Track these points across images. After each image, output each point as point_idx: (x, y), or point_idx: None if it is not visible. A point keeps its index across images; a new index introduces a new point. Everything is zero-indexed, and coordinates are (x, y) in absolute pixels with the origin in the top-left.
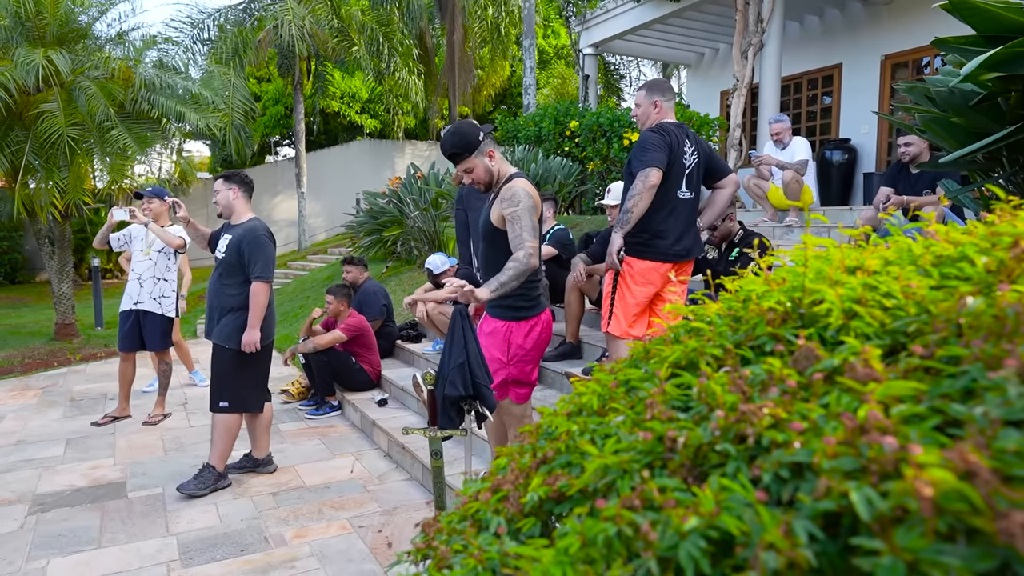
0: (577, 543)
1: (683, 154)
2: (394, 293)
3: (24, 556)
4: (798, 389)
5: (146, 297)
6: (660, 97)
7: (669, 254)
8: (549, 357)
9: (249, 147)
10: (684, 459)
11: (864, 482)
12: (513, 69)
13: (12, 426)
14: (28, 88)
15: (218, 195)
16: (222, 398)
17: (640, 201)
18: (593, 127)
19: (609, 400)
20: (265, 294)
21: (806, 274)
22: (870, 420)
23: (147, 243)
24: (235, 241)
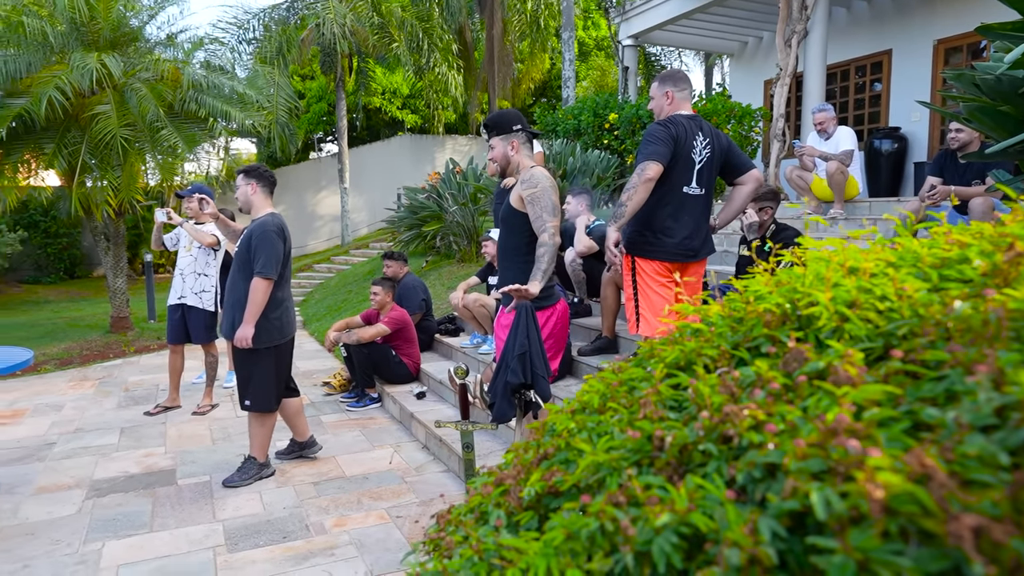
0: (561, 536)
1: (692, 148)
2: (433, 287)
3: (82, 538)
4: (783, 391)
5: (188, 292)
6: (672, 88)
7: (675, 253)
8: (585, 351)
9: (293, 144)
10: (670, 458)
11: (828, 484)
12: (553, 62)
13: (71, 415)
14: (83, 91)
15: (238, 190)
16: (245, 396)
17: (635, 195)
18: (632, 119)
19: (610, 399)
20: (263, 291)
21: (805, 276)
22: (838, 423)
23: (188, 240)
24: (247, 235)
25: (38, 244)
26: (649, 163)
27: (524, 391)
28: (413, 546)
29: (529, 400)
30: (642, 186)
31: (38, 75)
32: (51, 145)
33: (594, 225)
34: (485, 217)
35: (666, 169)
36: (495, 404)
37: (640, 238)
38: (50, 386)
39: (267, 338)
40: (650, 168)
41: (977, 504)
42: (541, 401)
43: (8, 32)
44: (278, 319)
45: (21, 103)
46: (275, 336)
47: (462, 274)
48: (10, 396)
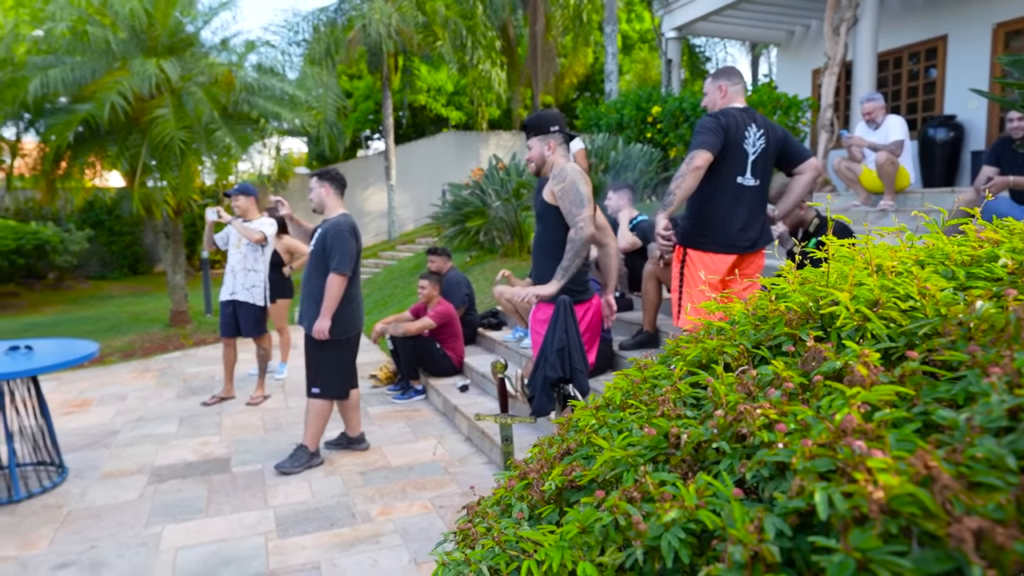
0: (575, 530)
1: (744, 139)
2: (477, 282)
3: (143, 522)
4: (800, 390)
5: (239, 287)
6: (726, 82)
7: (731, 245)
8: (626, 345)
9: (341, 142)
10: (686, 455)
11: (835, 484)
12: (596, 56)
13: (134, 404)
14: (143, 95)
15: (312, 192)
16: (314, 384)
17: (684, 183)
18: (676, 112)
19: (632, 395)
20: (339, 286)
21: (829, 274)
22: (847, 423)
23: (237, 237)
24: (322, 234)
25: (103, 242)
26: (697, 151)
27: (563, 385)
28: (444, 536)
29: (568, 394)
30: (690, 174)
31: (101, 81)
32: (114, 147)
33: (637, 221)
34: (528, 212)
35: (719, 160)
36: (534, 398)
37: (694, 230)
38: (115, 377)
39: (340, 330)
40: (698, 156)
41: (982, 507)
42: (580, 395)
43: (74, 41)
44: (350, 312)
45: (87, 108)
46: (347, 328)
47: (505, 268)
48: (78, 386)
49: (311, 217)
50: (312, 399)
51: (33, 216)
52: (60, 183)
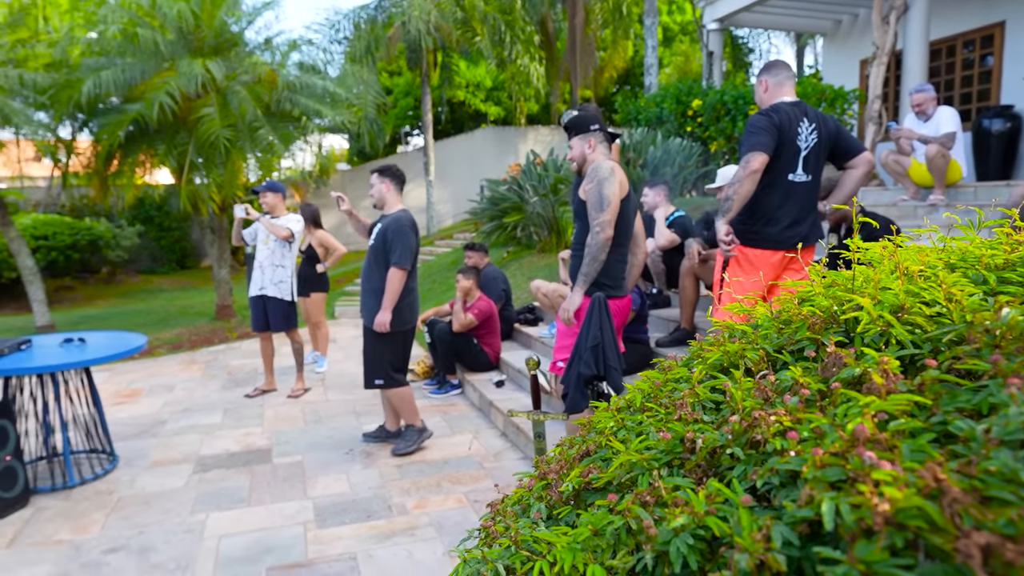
0: (588, 532)
1: (797, 135)
2: (514, 277)
3: (189, 509)
4: (819, 397)
5: (267, 283)
6: (766, 76)
7: (781, 241)
8: (663, 342)
9: (381, 139)
10: (701, 460)
11: (844, 494)
12: (636, 49)
13: (181, 395)
14: (190, 95)
15: (373, 188)
16: (376, 376)
17: (741, 188)
18: (717, 105)
19: (652, 398)
20: (400, 280)
21: (855, 277)
22: (859, 433)
23: (265, 234)
24: (382, 229)
25: (153, 237)
26: (753, 154)
27: (597, 382)
28: (469, 532)
29: (602, 392)
30: (748, 179)
31: (150, 81)
32: (163, 146)
33: (674, 217)
34: (565, 208)
35: (771, 157)
36: (568, 395)
37: (741, 226)
38: (163, 368)
39: (399, 322)
40: (754, 159)
41: (992, 522)
42: (614, 393)
43: (125, 43)
44: (408, 305)
45: (136, 108)
46: (406, 320)
47: (542, 264)
48: (129, 377)
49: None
50: (385, 391)
51: (87, 212)
52: (112, 180)
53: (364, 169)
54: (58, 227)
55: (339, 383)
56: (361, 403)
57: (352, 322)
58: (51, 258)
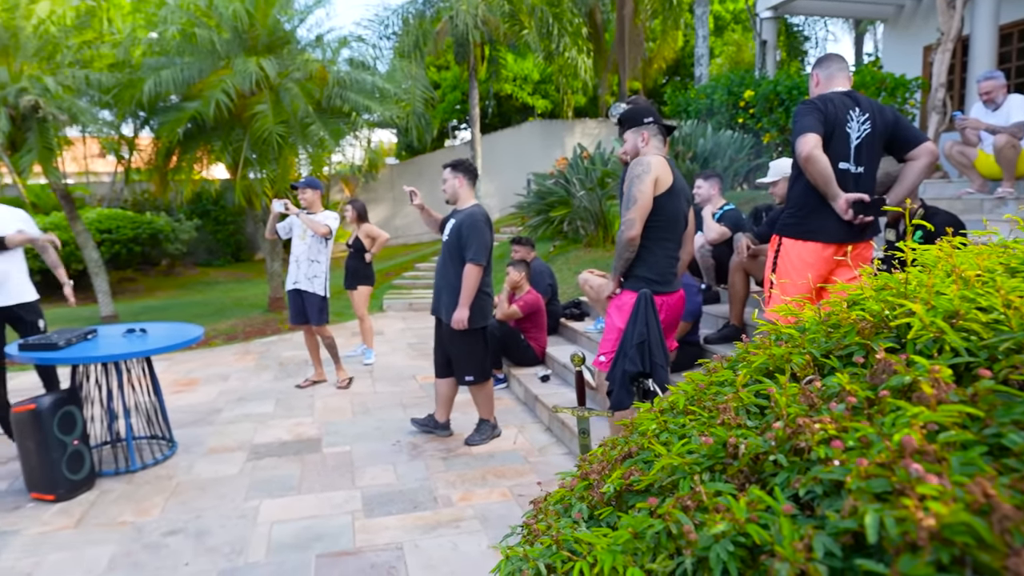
0: (628, 535)
1: (846, 123)
2: (560, 272)
3: (243, 496)
4: (865, 405)
5: (302, 277)
6: (818, 71)
7: (833, 234)
8: (712, 339)
9: (429, 133)
10: (743, 465)
11: (889, 506)
12: (686, 39)
13: (235, 385)
14: (245, 92)
15: (446, 183)
16: (466, 373)
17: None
18: (770, 96)
19: (696, 401)
20: (476, 276)
21: (908, 281)
22: (906, 444)
23: (302, 229)
24: (456, 225)
25: (209, 231)
26: (800, 137)
27: (642, 380)
28: (512, 528)
29: (648, 389)
30: (807, 166)
31: (207, 80)
32: (219, 142)
33: (723, 210)
34: (612, 201)
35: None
36: (613, 392)
37: (791, 219)
38: (219, 358)
39: (481, 319)
40: (801, 143)
41: None
42: (660, 390)
43: (183, 43)
44: (483, 301)
45: (194, 106)
46: (487, 315)
47: (589, 259)
48: (187, 367)
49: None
50: (470, 387)
51: (148, 207)
52: (171, 176)
53: (412, 163)
54: (121, 221)
55: (386, 375)
56: (408, 395)
57: (399, 315)
58: (114, 251)
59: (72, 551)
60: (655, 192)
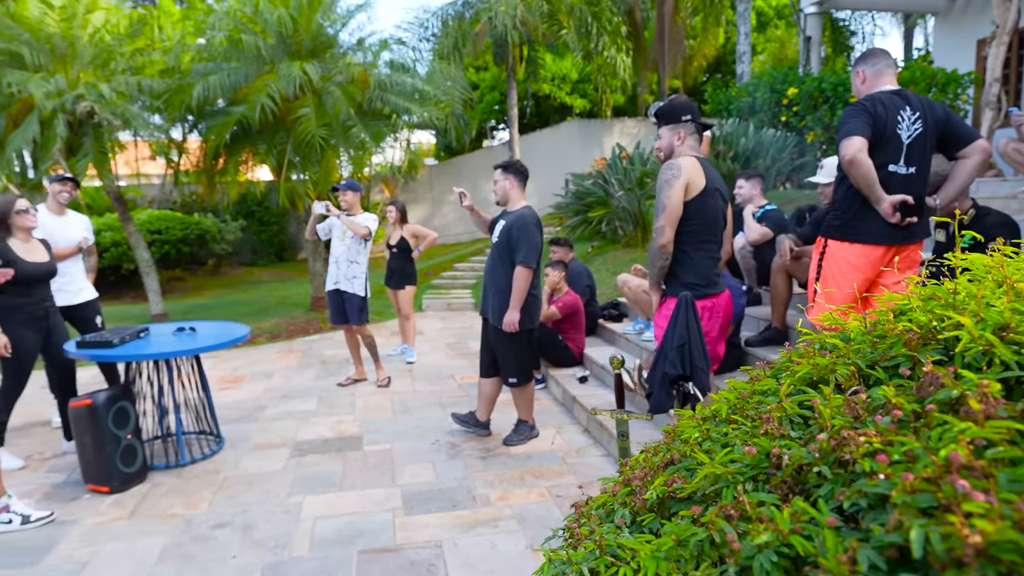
0: (671, 542)
1: (897, 124)
2: (598, 272)
3: (287, 491)
4: (911, 418)
5: (342, 278)
6: (863, 67)
7: (882, 236)
8: (753, 342)
9: (467, 134)
10: (786, 476)
11: (935, 521)
12: (727, 36)
13: (279, 383)
14: (288, 96)
15: (496, 184)
16: (510, 374)
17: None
18: (814, 93)
19: (739, 410)
20: (526, 278)
21: (957, 292)
22: (952, 459)
23: (342, 230)
24: (506, 227)
25: (254, 231)
26: (845, 140)
27: (683, 383)
28: (553, 531)
29: (688, 392)
30: (850, 169)
31: (253, 85)
32: (264, 145)
33: (764, 210)
34: (651, 201)
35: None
36: (652, 394)
37: (837, 220)
38: (263, 356)
39: (529, 321)
40: (846, 146)
41: None
42: (700, 394)
43: (231, 48)
44: (532, 303)
45: (240, 110)
46: (534, 318)
47: (627, 259)
48: (232, 364)
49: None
50: (513, 388)
51: (196, 208)
52: (218, 178)
53: (451, 164)
54: (171, 222)
55: (426, 374)
56: (446, 395)
57: (438, 315)
58: (164, 251)
59: (126, 541)
60: (687, 196)
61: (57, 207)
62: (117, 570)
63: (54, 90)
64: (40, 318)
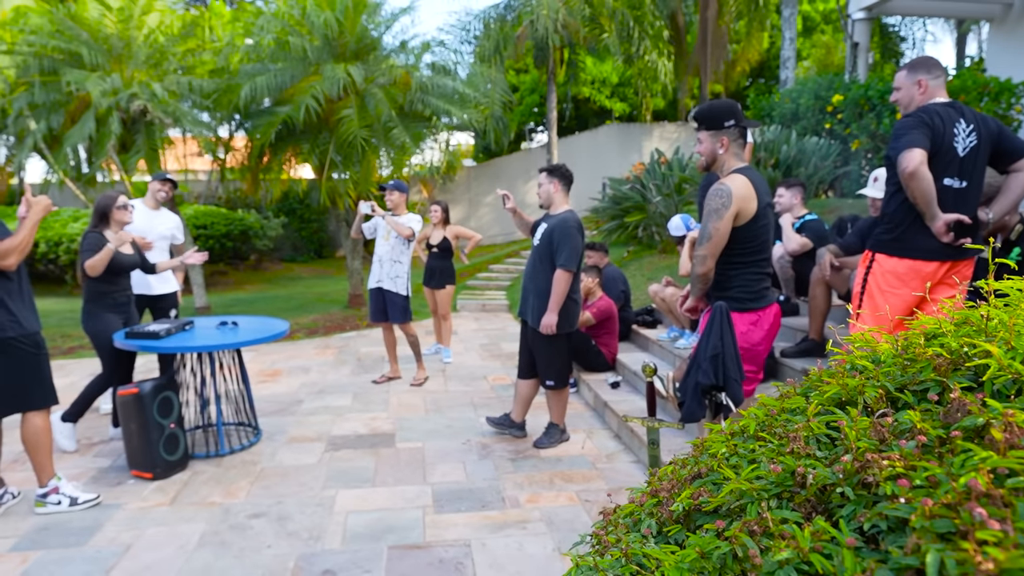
0: (695, 554)
1: (953, 137)
2: (633, 278)
3: (321, 484)
4: (936, 443)
5: (385, 277)
6: (925, 76)
7: (931, 251)
8: (789, 353)
9: (506, 136)
10: (810, 495)
11: (952, 547)
12: (772, 41)
13: (316, 378)
14: (332, 97)
15: (541, 187)
16: (548, 377)
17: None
18: (860, 100)
19: (766, 427)
20: (566, 282)
21: (990, 319)
22: (971, 487)
23: (386, 230)
24: (548, 230)
25: (295, 228)
26: (906, 152)
27: (715, 393)
28: (581, 537)
29: (720, 402)
30: (910, 182)
31: (298, 85)
32: (307, 145)
33: (804, 220)
34: (690, 207)
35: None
36: (685, 403)
37: (887, 235)
38: (300, 351)
39: (567, 324)
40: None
41: None
42: (733, 405)
43: (278, 50)
44: (572, 307)
45: (285, 110)
46: (573, 321)
47: (663, 265)
48: (271, 358)
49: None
50: (549, 390)
51: (240, 204)
52: (262, 175)
53: (489, 166)
54: (216, 218)
55: (459, 374)
56: (479, 395)
57: (472, 315)
58: (209, 246)
59: (167, 527)
60: (737, 223)
61: (153, 203)
62: (158, 554)
63: (110, 89)
64: (123, 304)
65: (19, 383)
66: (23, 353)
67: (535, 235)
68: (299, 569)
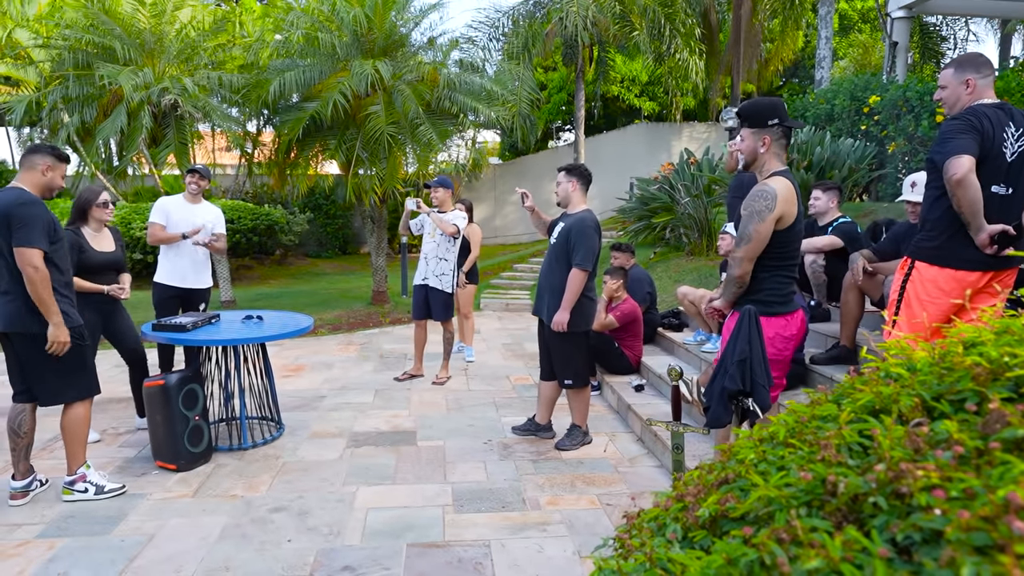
0: (721, 560)
1: (1003, 141)
2: (660, 279)
3: (342, 480)
4: (974, 454)
5: (430, 274)
6: (974, 75)
7: (974, 261)
8: (819, 359)
9: (533, 134)
10: (841, 504)
11: (988, 560)
12: (807, 39)
13: (338, 374)
14: (360, 94)
15: (559, 186)
16: (566, 376)
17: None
18: (898, 102)
19: (797, 434)
20: (581, 281)
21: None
22: (1009, 500)
23: (432, 227)
24: (566, 229)
25: (320, 224)
26: (955, 158)
27: (742, 398)
28: (603, 540)
29: (746, 408)
30: (957, 190)
31: (327, 82)
32: (334, 141)
33: (838, 222)
34: (719, 209)
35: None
36: (710, 408)
37: (928, 242)
38: (324, 347)
39: (583, 323)
40: (955, 164)
41: None
42: (759, 411)
43: (307, 46)
44: (588, 306)
45: (313, 106)
46: (588, 320)
47: (691, 267)
48: (295, 353)
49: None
50: (568, 389)
51: (266, 199)
52: (289, 171)
53: (515, 164)
54: (243, 212)
55: (481, 373)
56: (500, 395)
57: (496, 315)
58: (235, 240)
59: (189, 518)
60: (777, 227)
61: (191, 196)
62: (180, 544)
63: (142, 83)
64: (100, 301)
65: (68, 373)
66: (73, 344)
67: (552, 234)
68: (319, 564)
